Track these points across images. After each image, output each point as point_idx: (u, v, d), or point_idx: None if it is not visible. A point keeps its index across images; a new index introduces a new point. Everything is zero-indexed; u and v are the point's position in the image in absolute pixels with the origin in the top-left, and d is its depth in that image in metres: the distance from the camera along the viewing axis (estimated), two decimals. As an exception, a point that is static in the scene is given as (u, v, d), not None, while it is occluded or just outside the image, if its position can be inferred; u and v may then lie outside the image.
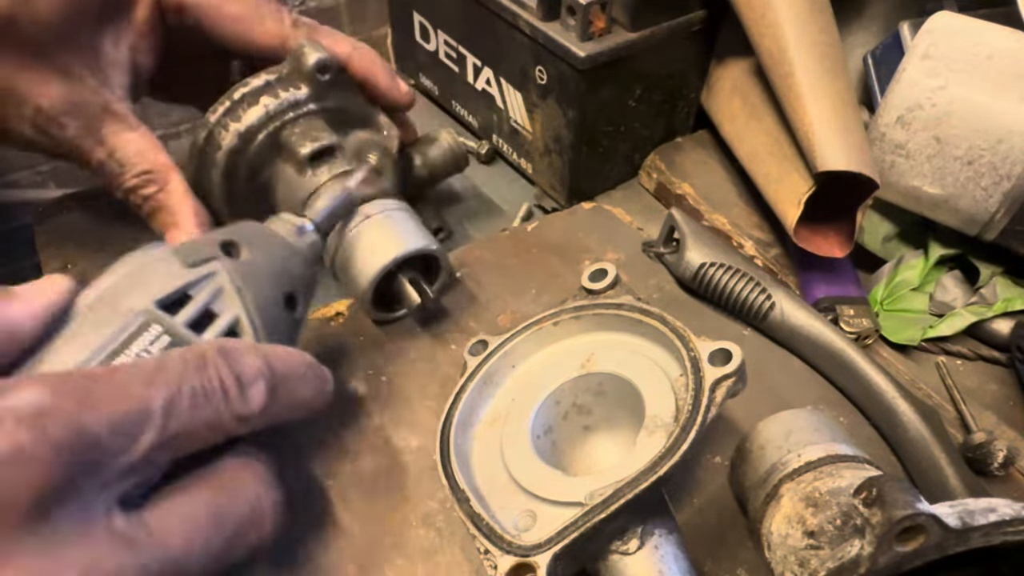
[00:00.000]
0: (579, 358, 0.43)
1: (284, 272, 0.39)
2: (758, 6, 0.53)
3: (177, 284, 0.34)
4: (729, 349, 0.36)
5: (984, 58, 0.48)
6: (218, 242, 0.37)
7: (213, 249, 0.36)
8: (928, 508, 0.26)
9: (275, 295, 0.38)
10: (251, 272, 0.37)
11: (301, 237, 0.41)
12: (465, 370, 0.44)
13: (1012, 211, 0.49)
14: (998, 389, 0.51)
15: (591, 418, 0.42)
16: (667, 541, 0.35)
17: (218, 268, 0.36)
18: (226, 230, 0.39)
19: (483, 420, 0.43)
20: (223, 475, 0.31)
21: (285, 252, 0.40)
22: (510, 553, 0.33)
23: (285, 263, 0.40)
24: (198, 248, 0.36)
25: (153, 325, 0.32)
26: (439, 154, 0.59)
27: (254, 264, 0.38)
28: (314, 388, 0.35)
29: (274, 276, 0.38)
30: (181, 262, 0.35)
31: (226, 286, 0.35)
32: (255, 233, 0.40)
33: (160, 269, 0.35)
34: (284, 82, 0.48)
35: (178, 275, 0.35)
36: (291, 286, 0.39)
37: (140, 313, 0.32)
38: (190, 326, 0.34)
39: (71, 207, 0.64)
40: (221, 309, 0.35)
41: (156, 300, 0.33)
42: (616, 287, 0.44)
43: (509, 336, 0.45)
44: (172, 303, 0.34)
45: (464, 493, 0.37)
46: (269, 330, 0.37)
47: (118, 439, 0.26)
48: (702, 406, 0.34)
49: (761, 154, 0.57)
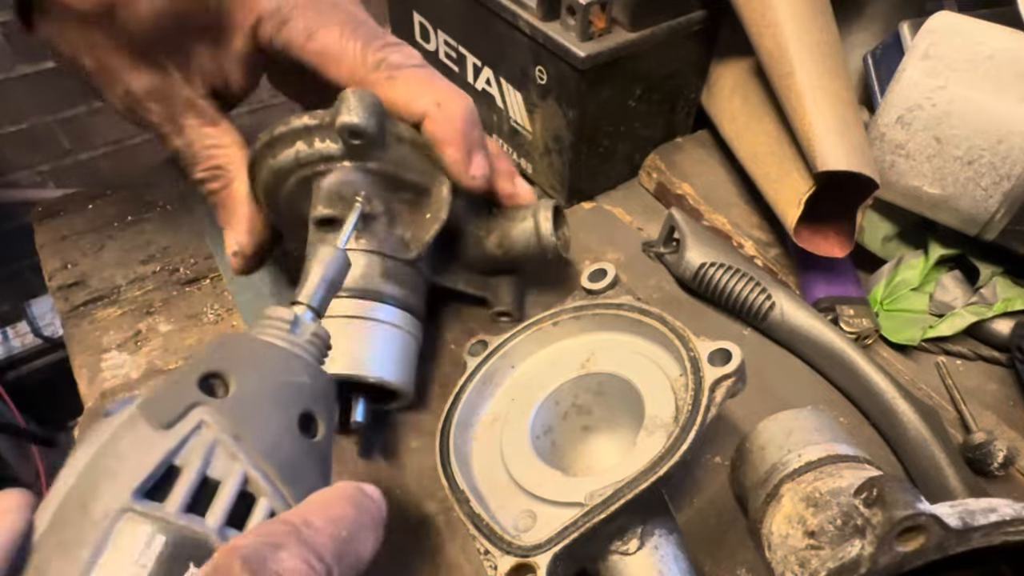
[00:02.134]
0: (579, 358, 0.43)
1: (289, 390, 0.30)
2: (758, 6, 0.53)
3: (155, 459, 0.26)
4: (729, 349, 0.36)
5: (984, 58, 0.48)
6: (195, 380, 0.28)
7: (190, 394, 0.28)
8: (929, 508, 0.26)
9: (286, 425, 0.29)
10: (247, 408, 0.28)
11: (298, 333, 0.32)
12: (465, 370, 0.44)
13: (1012, 211, 0.49)
14: (998, 389, 0.51)
15: (591, 418, 0.42)
16: (667, 541, 0.35)
17: (203, 418, 0.27)
18: (204, 358, 0.29)
19: (483, 420, 0.43)
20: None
21: (284, 363, 0.31)
22: (510, 553, 0.33)
23: (288, 377, 0.31)
24: (171, 398, 0.27)
25: (140, 525, 0.24)
26: (522, 237, 0.48)
27: (248, 395, 0.29)
28: (374, 536, 0.27)
29: (278, 401, 0.30)
30: (154, 425, 0.27)
31: (219, 439, 0.27)
32: (240, 351, 0.30)
33: (129, 444, 0.26)
34: (323, 131, 0.42)
35: (154, 444, 0.26)
36: (303, 404, 0.30)
37: (118, 514, 0.24)
38: (188, 509, 0.25)
39: (71, 207, 0.64)
40: (221, 473, 0.27)
41: (134, 490, 0.25)
42: (616, 287, 0.44)
43: (509, 336, 0.45)
44: (156, 486, 0.26)
45: (464, 494, 0.37)
46: (290, 475, 0.28)
47: None
48: (702, 406, 0.34)
49: (761, 154, 0.57)
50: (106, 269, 0.58)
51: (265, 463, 0.28)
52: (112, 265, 0.58)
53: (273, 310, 0.33)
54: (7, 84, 1.44)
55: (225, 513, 0.26)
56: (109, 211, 0.63)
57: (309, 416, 0.30)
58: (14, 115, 1.49)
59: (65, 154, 1.59)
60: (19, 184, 1.59)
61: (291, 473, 0.28)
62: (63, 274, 0.58)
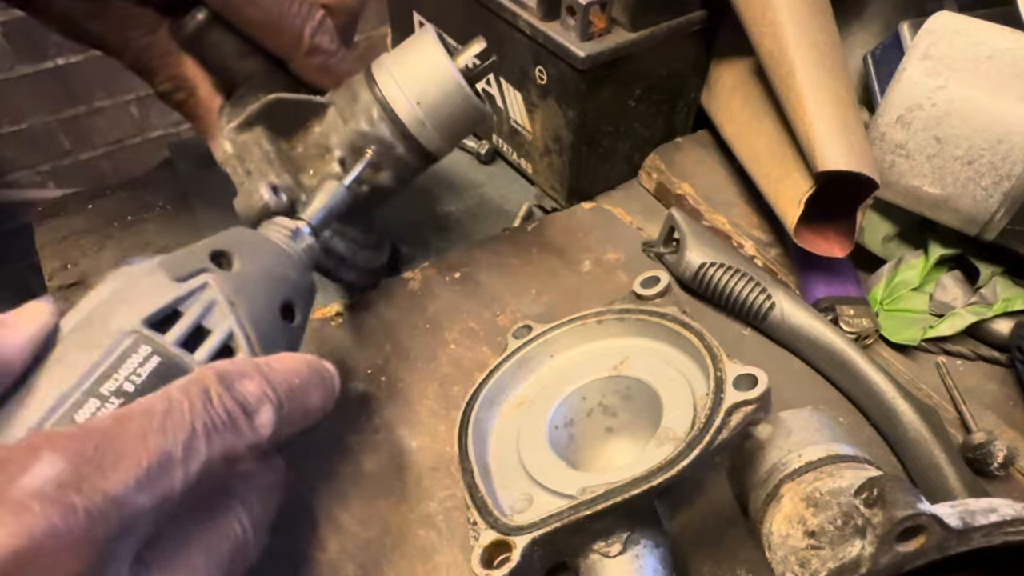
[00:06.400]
0: (613, 359, 0.43)
1: (279, 280, 0.37)
2: (758, 6, 0.53)
3: (166, 300, 0.32)
4: (756, 376, 0.35)
5: (984, 58, 0.48)
6: (208, 253, 0.35)
7: (203, 261, 0.34)
8: (929, 508, 0.26)
9: (271, 305, 0.36)
10: (244, 283, 0.35)
11: (296, 241, 0.39)
12: (505, 350, 0.46)
13: (1012, 211, 0.49)
14: (998, 389, 0.51)
15: (615, 420, 0.43)
16: (650, 553, 0.35)
17: (209, 281, 0.34)
18: (216, 239, 0.36)
19: (510, 401, 0.44)
20: (214, 515, 0.30)
21: (279, 259, 0.38)
22: (494, 528, 0.34)
23: (280, 270, 0.38)
24: (187, 260, 0.34)
25: (142, 345, 0.30)
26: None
27: (247, 274, 0.36)
28: (322, 394, 0.34)
29: (269, 285, 0.36)
30: (169, 276, 0.33)
31: (218, 299, 0.33)
32: (247, 241, 0.38)
33: (147, 285, 0.33)
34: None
35: (166, 290, 0.33)
36: (287, 294, 0.37)
37: (128, 333, 0.31)
38: (181, 344, 0.32)
39: (71, 207, 0.64)
40: (213, 324, 0.33)
41: (144, 318, 0.31)
42: (666, 296, 0.45)
43: (553, 326, 0.46)
44: (161, 320, 0.32)
45: (470, 464, 0.39)
46: (266, 343, 0.35)
47: (144, 496, 0.25)
48: (712, 427, 0.34)
49: (761, 154, 0.57)
50: (106, 269, 0.58)
51: (248, 327, 0.34)
52: (112, 265, 0.58)
53: (280, 218, 0.40)
54: (7, 84, 1.45)
55: (210, 354, 0.32)
56: (109, 211, 0.63)
57: (290, 305, 0.38)
58: (14, 115, 1.49)
59: (65, 154, 1.59)
60: (19, 184, 1.59)
61: (266, 342, 0.35)
62: (63, 274, 0.58)
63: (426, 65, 0.46)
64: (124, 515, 0.24)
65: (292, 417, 0.32)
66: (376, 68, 0.47)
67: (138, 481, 0.25)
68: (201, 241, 0.36)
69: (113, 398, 0.30)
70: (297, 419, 0.32)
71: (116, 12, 0.44)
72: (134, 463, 0.25)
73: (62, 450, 0.24)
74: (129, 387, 0.30)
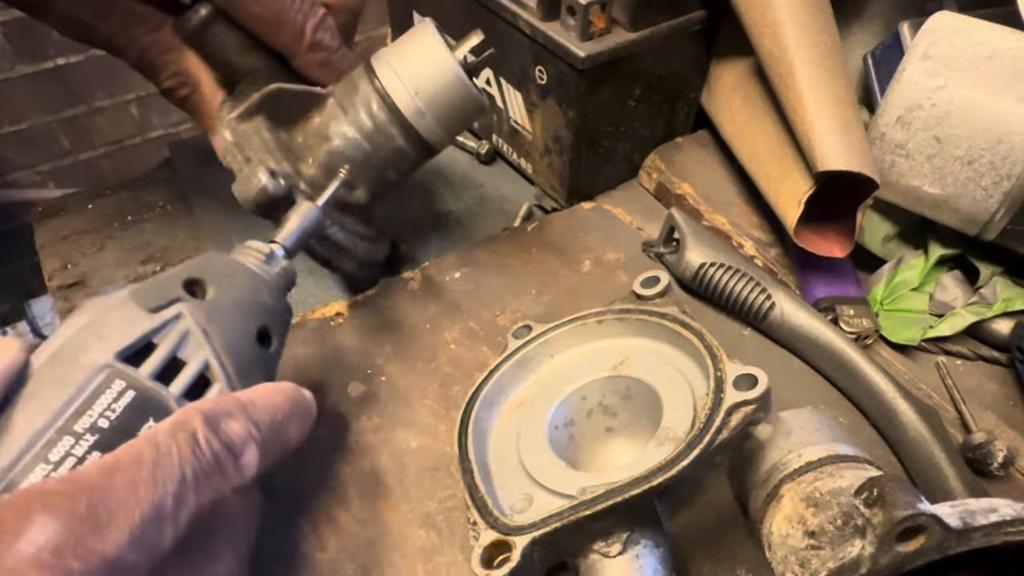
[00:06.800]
0: (613, 359, 0.43)
1: (254, 306, 0.37)
2: (758, 6, 0.53)
3: (139, 332, 0.32)
4: (756, 376, 0.35)
5: (984, 58, 0.48)
6: (180, 281, 0.35)
7: (176, 290, 0.34)
8: (929, 508, 0.26)
9: (246, 332, 0.36)
10: (218, 311, 0.34)
11: (271, 265, 0.39)
12: (505, 350, 0.46)
13: (1012, 211, 0.49)
14: (998, 389, 0.51)
15: (615, 420, 0.43)
16: (650, 553, 0.35)
17: (182, 311, 0.33)
18: (188, 266, 0.36)
19: (510, 401, 0.44)
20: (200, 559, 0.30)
21: (254, 284, 0.37)
22: (494, 528, 0.34)
23: (255, 296, 0.37)
24: (159, 290, 0.34)
25: (116, 380, 0.30)
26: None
27: (221, 302, 0.35)
28: (300, 426, 0.34)
29: (244, 312, 0.36)
30: (141, 307, 0.33)
31: (192, 329, 0.33)
32: (220, 267, 0.37)
33: (119, 317, 0.32)
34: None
35: (139, 322, 0.32)
36: (263, 320, 0.37)
37: (101, 368, 0.30)
38: (156, 377, 0.31)
39: (71, 207, 0.64)
40: (189, 355, 0.33)
41: (117, 352, 0.31)
42: (666, 296, 0.45)
43: (553, 326, 0.46)
44: (135, 353, 0.31)
45: (470, 464, 0.39)
46: (243, 372, 0.34)
47: (138, 553, 0.25)
48: (712, 427, 0.34)
49: (761, 154, 0.57)
50: (106, 269, 0.58)
51: (224, 357, 0.33)
52: (112, 265, 0.58)
53: (253, 242, 0.39)
54: (7, 84, 1.45)
55: (185, 387, 0.32)
56: (109, 211, 0.63)
57: (266, 331, 0.37)
58: (14, 115, 1.50)
59: (65, 154, 1.59)
60: (19, 184, 1.59)
61: (243, 370, 0.34)
62: (63, 274, 0.58)
63: (424, 55, 0.46)
64: (119, 573, 0.24)
65: (273, 453, 0.32)
66: (375, 60, 0.47)
67: (131, 538, 0.25)
68: (173, 269, 0.36)
69: (88, 435, 0.29)
70: (277, 454, 0.32)
71: (121, 11, 0.45)
72: (127, 520, 0.25)
73: (54, 511, 0.24)
74: (104, 423, 0.29)
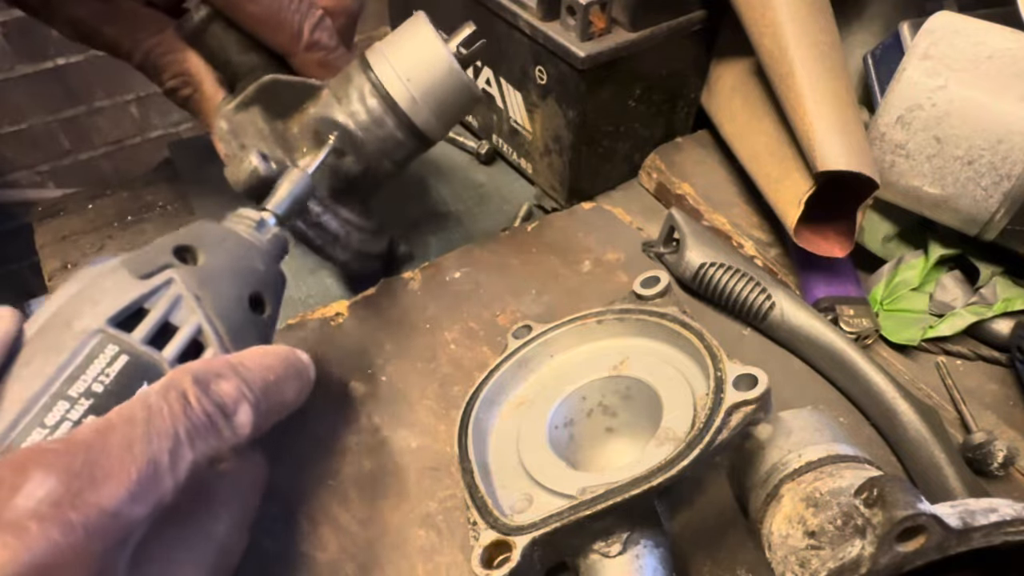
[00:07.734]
0: (613, 359, 0.43)
1: (246, 272, 0.37)
2: (758, 6, 0.53)
3: (130, 298, 0.32)
4: (756, 376, 0.35)
5: (984, 58, 0.48)
6: (171, 248, 0.35)
7: (167, 257, 0.34)
8: (929, 508, 0.26)
9: (239, 298, 0.36)
10: (210, 277, 0.35)
11: (262, 232, 0.39)
12: (505, 350, 0.46)
13: (1012, 211, 0.49)
14: (998, 389, 0.51)
15: (615, 421, 0.43)
16: (650, 553, 0.35)
17: (174, 276, 0.33)
18: (179, 234, 0.36)
19: (510, 401, 0.44)
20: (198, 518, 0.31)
21: (245, 250, 0.38)
22: (494, 528, 0.34)
23: (246, 262, 0.37)
24: (150, 258, 0.34)
25: (109, 345, 0.30)
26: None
27: (212, 267, 0.35)
28: (297, 386, 0.34)
29: (235, 278, 0.36)
30: (133, 274, 0.33)
31: (184, 295, 0.33)
32: (211, 234, 0.37)
33: (110, 284, 0.32)
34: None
35: (131, 288, 0.32)
36: (256, 286, 0.37)
37: (93, 333, 0.30)
38: (149, 342, 0.31)
39: (71, 207, 0.64)
40: (180, 320, 0.33)
41: (109, 318, 0.31)
42: (666, 296, 0.45)
43: (553, 326, 0.46)
44: (127, 319, 0.32)
45: (470, 464, 0.39)
46: (236, 336, 0.34)
47: (138, 507, 0.25)
48: (712, 427, 0.34)
49: (761, 154, 0.57)
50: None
51: (217, 322, 0.33)
52: (112, 265, 0.58)
53: (244, 210, 0.39)
54: (7, 84, 1.44)
55: (178, 351, 0.32)
56: (109, 211, 0.63)
57: (259, 297, 0.37)
58: (14, 115, 1.49)
59: (65, 154, 1.59)
60: (19, 184, 1.59)
61: (236, 335, 0.34)
62: (63, 274, 0.58)
63: (418, 45, 0.47)
64: (121, 527, 0.25)
65: (269, 412, 0.32)
66: (369, 52, 0.48)
67: (130, 492, 0.25)
68: (164, 237, 0.36)
69: (83, 400, 0.29)
70: (273, 414, 0.32)
71: (126, 14, 0.46)
72: (124, 474, 0.25)
73: (50, 467, 0.24)
74: (98, 388, 0.30)
